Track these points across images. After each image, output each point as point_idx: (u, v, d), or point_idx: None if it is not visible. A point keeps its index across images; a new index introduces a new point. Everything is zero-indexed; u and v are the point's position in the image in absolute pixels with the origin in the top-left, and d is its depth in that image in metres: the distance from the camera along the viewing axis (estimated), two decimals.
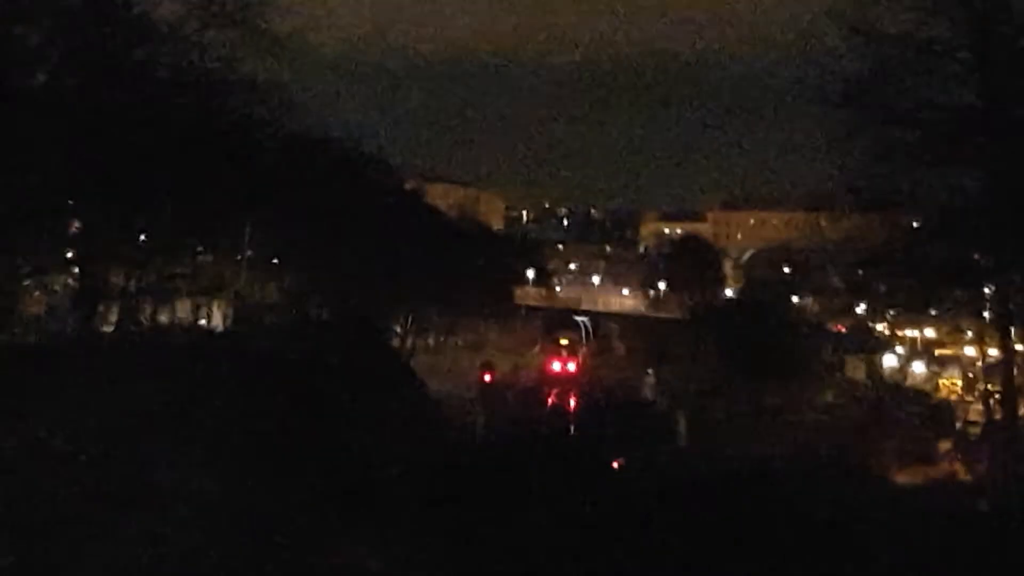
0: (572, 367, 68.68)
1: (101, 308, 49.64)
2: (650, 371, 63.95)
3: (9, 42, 44.58)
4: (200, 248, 58.33)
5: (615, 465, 40.26)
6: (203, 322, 63.21)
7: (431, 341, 66.39)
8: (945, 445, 51.09)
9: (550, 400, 59.88)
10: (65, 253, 51.86)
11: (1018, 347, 41.03)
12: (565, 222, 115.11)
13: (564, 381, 65.66)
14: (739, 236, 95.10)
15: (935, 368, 63.91)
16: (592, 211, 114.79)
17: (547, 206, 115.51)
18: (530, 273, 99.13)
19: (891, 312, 67.27)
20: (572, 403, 59.37)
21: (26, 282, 49.62)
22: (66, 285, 53.18)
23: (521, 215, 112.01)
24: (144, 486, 24.02)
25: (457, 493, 30.31)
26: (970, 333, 56.27)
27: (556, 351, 71.46)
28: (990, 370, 47.29)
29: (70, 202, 47.55)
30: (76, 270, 50.52)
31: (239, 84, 48.64)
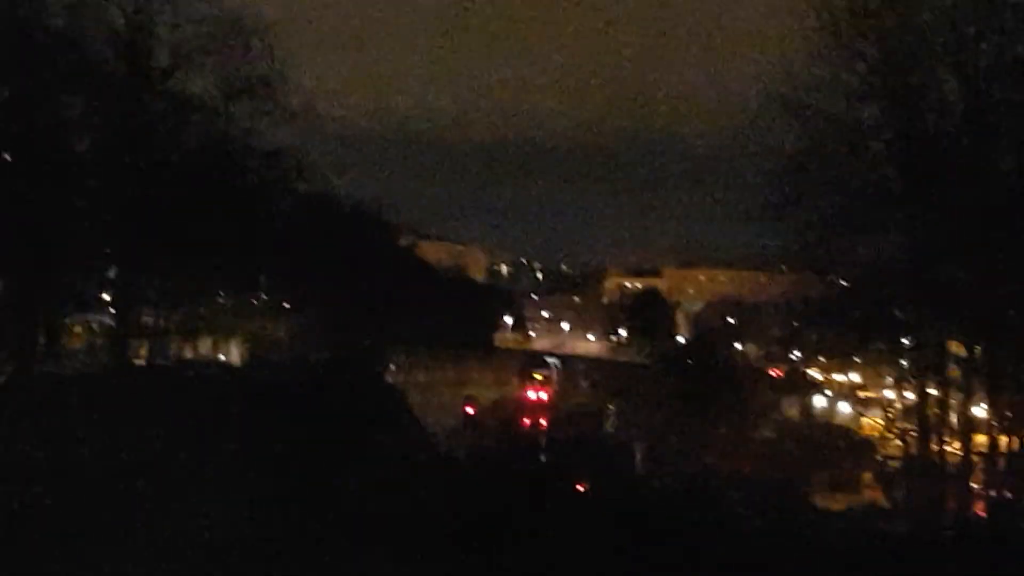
0: (544, 397, 68.61)
1: (134, 344, 49.92)
2: (611, 407, 64.00)
3: (57, 110, 45.08)
4: (220, 293, 58.87)
5: (580, 488, 40.23)
6: (222, 357, 63.47)
7: (421, 379, 66.34)
8: (867, 476, 51.44)
9: (526, 424, 60.01)
10: (103, 295, 52.74)
11: (931, 392, 41.38)
12: (539, 276, 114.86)
13: (537, 409, 65.76)
14: (691, 291, 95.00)
15: (859, 409, 64.15)
16: (563, 267, 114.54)
17: (523, 262, 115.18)
18: (508, 320, 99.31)
19: (821, 359, 67.71)
20: (543, 431, 59.55)
21: (68, 320, 49.87)
22: (103, 324, 53.09)
23: (501, 269, 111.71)
24: (158, 504, 23.57)
25: (445, 513, 30.18)
26: (890, 379, 56.45)
27: (531, 384, 71.53)
28: (907, 411, 47.48)
29: (108, 250, 48.01)
30: (112, 310, 50.88)
31: (257, 150, 49.76)
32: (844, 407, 67.21)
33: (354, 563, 25.80)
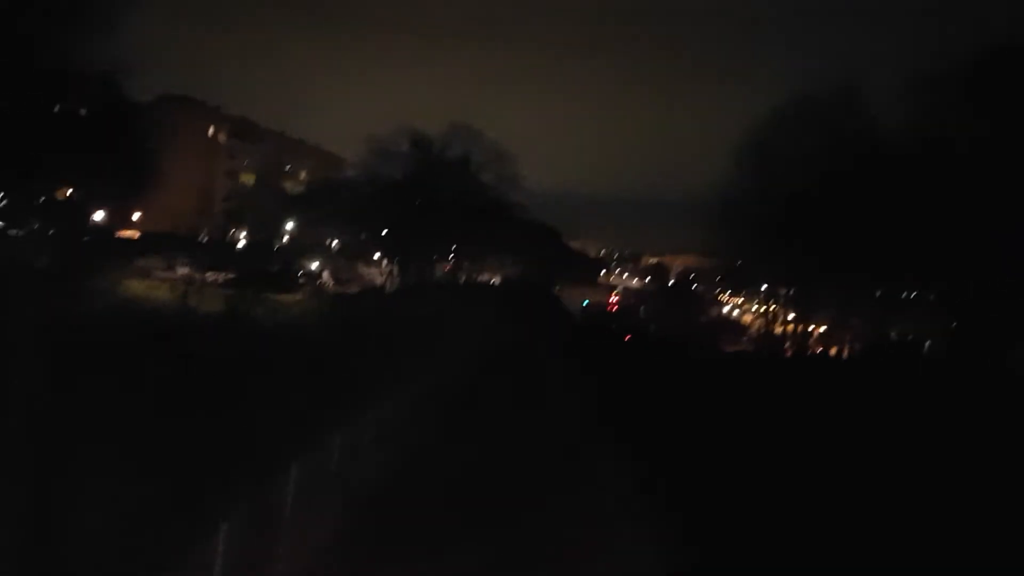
0: (615, 300, 68.86)
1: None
2: (641, 307, 64.23)
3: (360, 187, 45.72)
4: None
5: (627, 337, 41.71)
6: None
7: (567, 293, 64.80)
8: (745, 340, 51.00)
9: (610, 309, 60.87)
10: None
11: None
12: (615, 254, 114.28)
13: (614, 304, 66.29)
14: (677, 263, 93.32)
15: (744, 315, 63.12)
16: (627, 251, 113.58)
17: (613, 249, 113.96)
18: (603, 272, 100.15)
19: (727, 291, 66.49)
20: (615, 312, 60.33)
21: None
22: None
23: (602, 251, 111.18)
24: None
25: (579, 336, 32.20)
26: (756, 304, 55.84)
27: (611, 295, 72.11)
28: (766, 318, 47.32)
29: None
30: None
31: (500, 199, 47.14)
32: (736, 312, 64.91)
33: (545, 349, 27.46)
